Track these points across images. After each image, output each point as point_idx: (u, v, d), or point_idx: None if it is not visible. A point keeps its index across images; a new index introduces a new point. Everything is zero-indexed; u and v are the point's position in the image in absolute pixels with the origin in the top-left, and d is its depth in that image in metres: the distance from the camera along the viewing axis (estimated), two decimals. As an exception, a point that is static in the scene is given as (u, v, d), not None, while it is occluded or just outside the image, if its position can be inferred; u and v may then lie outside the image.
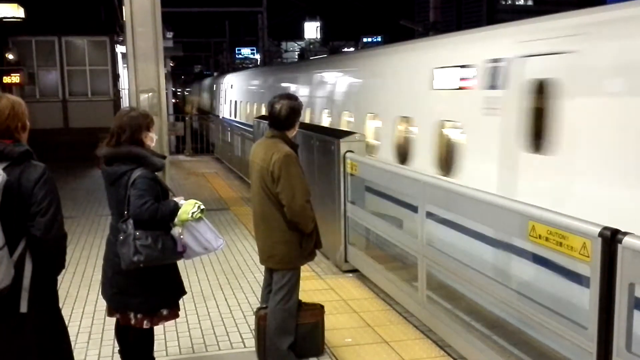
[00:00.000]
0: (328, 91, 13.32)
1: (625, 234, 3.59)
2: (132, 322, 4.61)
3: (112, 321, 4.90)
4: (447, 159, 8.03)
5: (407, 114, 9.23)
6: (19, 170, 3.50)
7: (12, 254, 3.40)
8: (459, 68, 7.64)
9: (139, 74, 10.28)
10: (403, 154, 9.21)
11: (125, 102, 21.00)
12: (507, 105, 6.56)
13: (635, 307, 3.62)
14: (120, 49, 21.62)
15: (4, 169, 3.43)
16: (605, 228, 3.70)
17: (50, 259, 3.61)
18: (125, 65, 13.58)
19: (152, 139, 4.69)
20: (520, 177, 6.27)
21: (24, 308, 3.48)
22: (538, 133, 6.09)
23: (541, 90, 6.06)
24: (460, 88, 7.62)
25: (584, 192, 5.46)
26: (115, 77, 21.79)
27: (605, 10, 5.89)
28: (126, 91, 19.53)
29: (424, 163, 8.33)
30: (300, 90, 15.02)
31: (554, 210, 4.32)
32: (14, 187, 3.43)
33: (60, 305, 6.65)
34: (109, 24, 21.02)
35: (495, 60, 6.84)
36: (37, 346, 3.60)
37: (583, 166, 5.54)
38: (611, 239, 3.63)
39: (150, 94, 10.20)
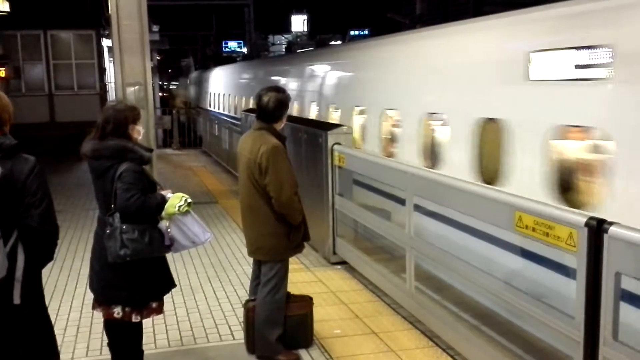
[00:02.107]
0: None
1: (611, 223, 3.62)
2: (120, 315, 4.60)
3: (100, 314, 4.89)
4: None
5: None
6: (10, 163, 3.49)
7: (5, 246, 3.41)
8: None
9: (125, 67, 10.22)
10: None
11: (111, 96, 20.89)
12: None
13: (621, 296, 3.65)
14: (106, 42, 21.50)
15: None
16: (592, 218, 3.73)
17: (44, 251, 3.62)
18: (112, 58, 13.51)
19: (138, 132, 4.67)
20: None
21: (17, 299, 3.48)
22: None
23: None
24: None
25: None
26: (102, 70, 21.68)
27: None
28: (113, 85, 19.45)
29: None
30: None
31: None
32: (6, 179, 3.42)
33: (49, 298, 6.64)
34: (95, 18, 20.89)
35: None
36: (25, 338, 3.60)
37: None
38: (597, 228, 3.65)
39: (136, 87, 10.15)
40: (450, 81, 7.29)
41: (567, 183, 5.37)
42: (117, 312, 4.59)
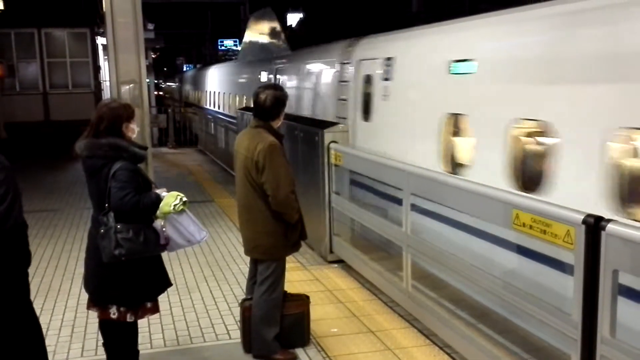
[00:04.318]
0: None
1: (608, 220, 3.60)
2: (115, 315, 4.57)
3: (95, 314, 4.86)
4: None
5: None
6: None
7: None
8: None
9: (119, 65, 10.16)
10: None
11: (106, 94, 20.85)
12: None
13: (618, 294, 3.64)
14: (100, 40, 21.42)
15: None
16: (589, 215, 3.71)
17: (10, 250, 3.54)
18: (106, 56, 13.45)
19: (133, 131, 4.64)
20: None
21: None
22: None
23: None
24: None
25: None
26: (96, 69, 21.60)
27: None
28: (107, 83, 19.39)
29: None
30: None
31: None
32: None
33: (43, 298, 6.64)
34: (89, 15, 20.82)
35: None
36: (8, 343, 3.55)
37: None
38: (595, 226, 3.64)
39: (131, 85, 10.09)
40: None
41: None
42: (113, 312, 4.56)
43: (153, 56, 34.17)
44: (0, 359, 3.54)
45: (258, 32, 18.35)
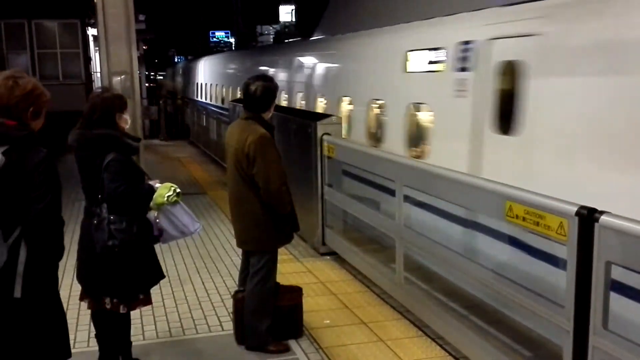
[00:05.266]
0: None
1: (602, 212, 3.61)
2: (108, 306, 4.56)
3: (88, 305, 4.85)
4: None
5: None
6: (19, 154, 3.41)
7: (7, 239, 3.36)
8: None
9: (111, 57, 10.13)
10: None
11: (97, 85, 20.73)
12: None
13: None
14: (91, 31, 21.33)
15: (3, 153, 3.35)
16: (582, 207, 3.71)
17: (45, 246, 3.54)
18: (97, 47, 13.39)
19: (126, 121, 4.61)
20: None
21: (17, 293, 3.43)
22: None
23: None
24: None
25: None
26: (87, 60, 21.49)
27: None
28: (99, 74, 19.29)
29: None
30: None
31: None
32: (13, 171, 3.36)
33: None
34: (80, 6, 20.69)
35: None
36: (31, 332, 3.55)
37: None
38: (588, 217, 3.64)
39: (122, 76, 10.06)
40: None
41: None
42: (105, 303, 4.55)
43: (144, 47, 34.03)
44: (23, 349, 3.55)
45: None
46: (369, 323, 5.94)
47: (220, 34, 57.42)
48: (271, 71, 14.67)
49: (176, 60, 60.52)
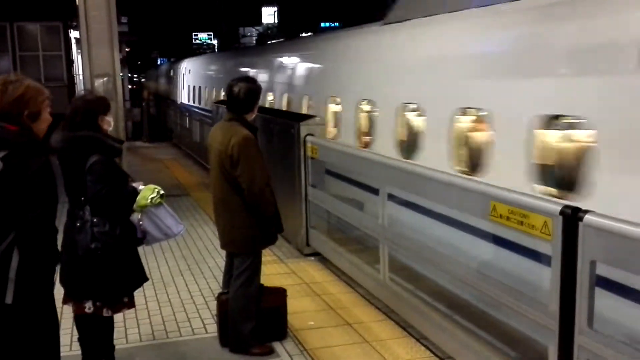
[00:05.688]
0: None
1: (586, 211, 3.62)
2: (91, 310, 4.52)
3: (71, 309, 4.80)
4: None
5: None
6: (20, 160, 3.37)
7: (0, 244, 3.33)
8: None
9: (93, 59, 10.05)
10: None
11: (80, 88, 20.60)
12: None
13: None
14: (74, 34, 21.18)
15: (2, 158, 3.31)
16: (567, 206, 3.72)
17: (38, 253, 3.50)
18: (80, 50, 13.29)
19: (109, 123, 4.58)
20: None
21: (9, 299, 3.39)
22: None
23: None
24: None
25: None
26: (69, 62, 21.35)
27: None
28: (81, 77, 19.17)
29: None
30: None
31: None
32: (11, 177, 3.32)
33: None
34: (62, 9, 20.54)
35: None
36: (21, 339, 3.51)
37: None
38: (572, 217, 3.65)
39: (105, 78, 9.99)
40: None
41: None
42: (88, 307, 4.51)
43: (127, 50, 33.91)
44: (12, 355, 3.51)
45: None
46: (353, 324, 5.92)
47: (203, 36, 57.32)
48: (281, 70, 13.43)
49: (159, 62, 60.35)
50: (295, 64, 12.31)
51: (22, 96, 3.50)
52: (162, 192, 4.48)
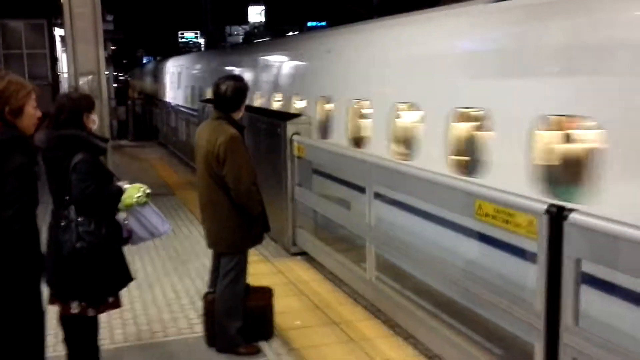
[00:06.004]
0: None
1: (571, 210, 3.63)
2: (76, 310, 4.48)
3: (55, 309, 4.77)
4: None
5: None
6: (1, 156, 3.32)
7: None
8: None
9: (78, 57, 10.01)
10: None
11: (64, 86, 20.48)
12: None
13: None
14: (58, 31, 21.04)
15: None
16: (552, 205, 3.74)
17: (14, 254, 3.44)
18: (64, 48, 13.23)
19: (93, 122, 4.54)
20: None
21: None
22: None
23: None
24: None
25: None
26: (54, 60, 21.21)
27: None
28: (65, 75, 19.05)
29: None
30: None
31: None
32: None
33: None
34: (47, 6, 20.39)
35: None
36: (6, 339, 3.47)
37: None
38: (557, 215, 3.67)
39: (90, 77, 9.95)
40: None
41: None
42: (74, 307, 4.47)
43: (113, 48, 33.74)
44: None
45: None
46: (340, 323, 5.92)
47: (189, 35, 57.16)
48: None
49: (144, 60, 60.12)
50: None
51: (3, 92, 3.47)
52: (148, 190, 4.45)
